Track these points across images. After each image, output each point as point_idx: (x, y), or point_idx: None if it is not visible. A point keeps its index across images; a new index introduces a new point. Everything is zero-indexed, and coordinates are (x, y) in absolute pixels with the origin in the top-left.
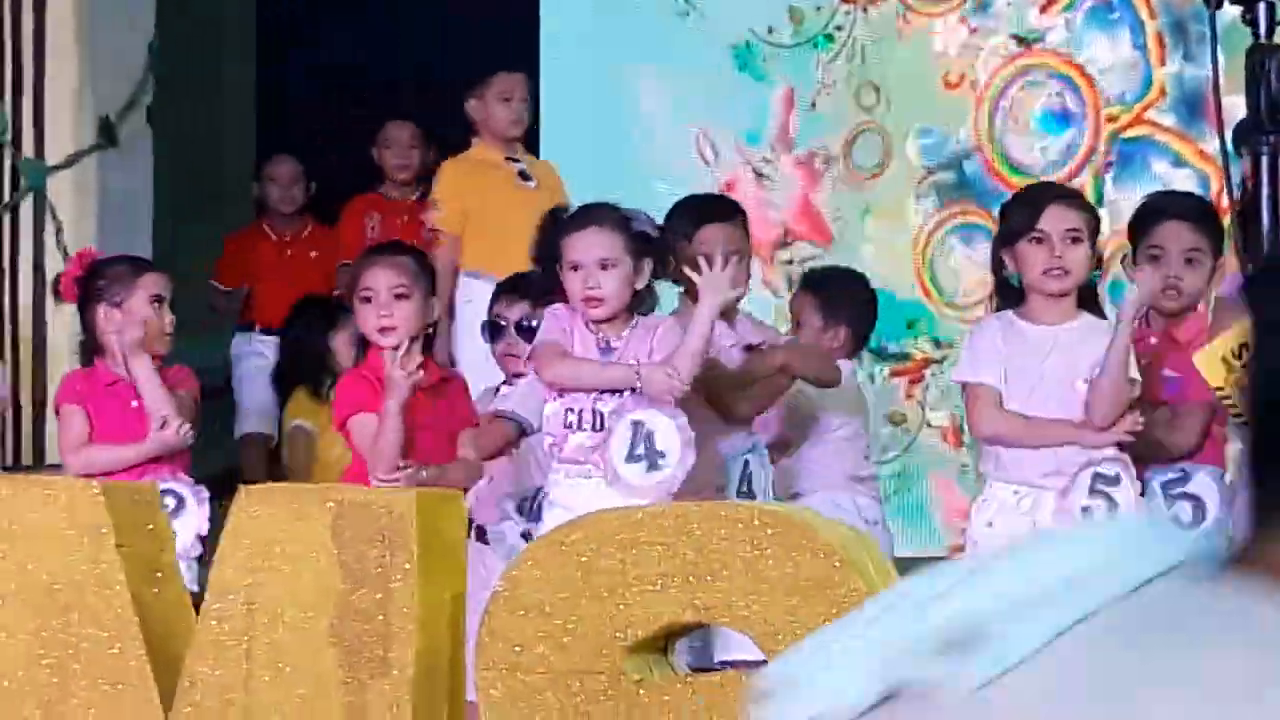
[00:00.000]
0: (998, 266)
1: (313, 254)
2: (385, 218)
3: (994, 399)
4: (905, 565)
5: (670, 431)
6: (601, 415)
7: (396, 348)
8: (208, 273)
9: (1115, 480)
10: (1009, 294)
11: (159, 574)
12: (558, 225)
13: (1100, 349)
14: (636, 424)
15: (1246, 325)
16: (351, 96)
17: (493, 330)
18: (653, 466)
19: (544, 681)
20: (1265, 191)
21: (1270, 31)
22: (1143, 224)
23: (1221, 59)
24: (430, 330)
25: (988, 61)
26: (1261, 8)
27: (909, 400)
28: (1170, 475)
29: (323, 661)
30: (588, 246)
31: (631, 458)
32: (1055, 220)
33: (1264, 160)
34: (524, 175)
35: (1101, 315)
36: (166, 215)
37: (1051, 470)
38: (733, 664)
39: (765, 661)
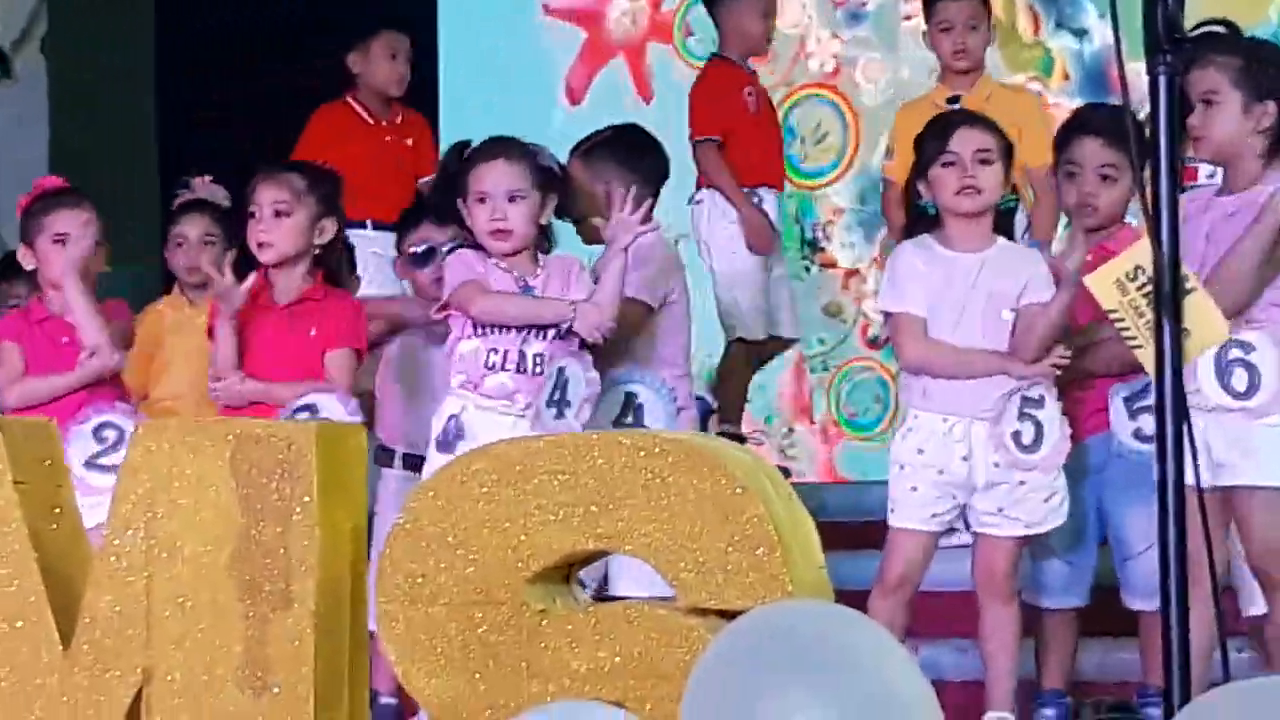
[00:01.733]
0: (914, 198)
1: (408, 141)
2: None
3: (919, 327)
4: (809, 491)
5: (581, 383)
6: (525, 356)
7: (277, 265)
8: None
9: (1040, 402)
10: (924, 225)
11: (57, 509)
12: (462, 158)
13: (1024, 276)
14: (560, 369)
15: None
16: (249, 23)
17: (425, 257)
18: (559, 415)
19: (445, 613)
20: (1163, 113)
21: None
22: (1062, 141)
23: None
24: (322, 250)
25: None
26: None
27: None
28: (1133, 389)
29: (224, 595)
30: (496, 178)
31: (550, 402)
32: (965, 141)
33: (1161, 81)
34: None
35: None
36: (64, 147)
37: (981, 399)
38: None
39: (669, 595)
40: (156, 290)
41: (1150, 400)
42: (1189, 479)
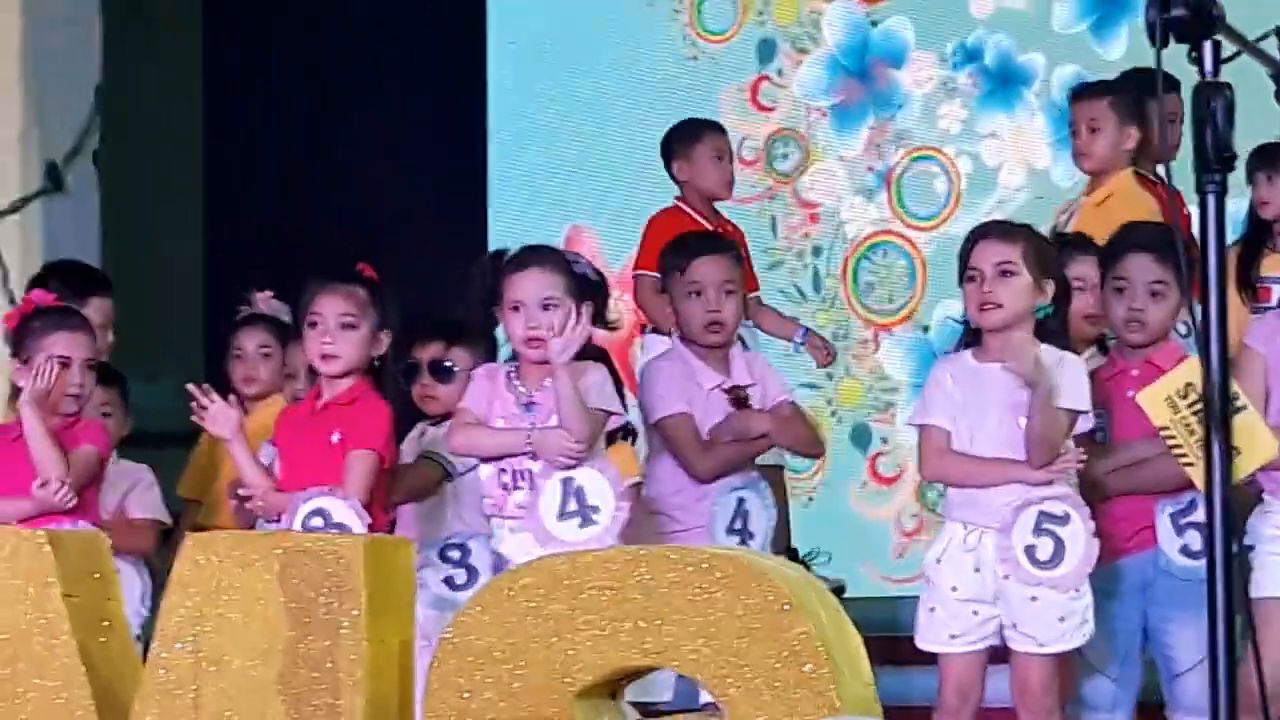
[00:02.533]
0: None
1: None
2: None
3: (939, 441)
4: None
5: (600, 485)
6: (531, 474)
7: (340, 376)
8: (152, 319)
9: (1064, 519)
10: (973, 335)
11: (106, 623)
12: (497, 267)
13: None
14: (566, 481)
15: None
16: (298, 138)
17: (408, 372)
18: (586, 522)
19: None
20: (1213, 230)
21: (1216, 70)
22: (1110, 256)
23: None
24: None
25: None
26: (1207, 46)
27: None
28: (1179, 505)
29: (271, 710)
30: (530, 286)
31: (564, 515)
32: (985, 255)
33: (1210, 200)
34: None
35: (1066, 346)
36: (114, 260)
37: (991, 509)
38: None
39: (714, 705)
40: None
41: (1197, 516)
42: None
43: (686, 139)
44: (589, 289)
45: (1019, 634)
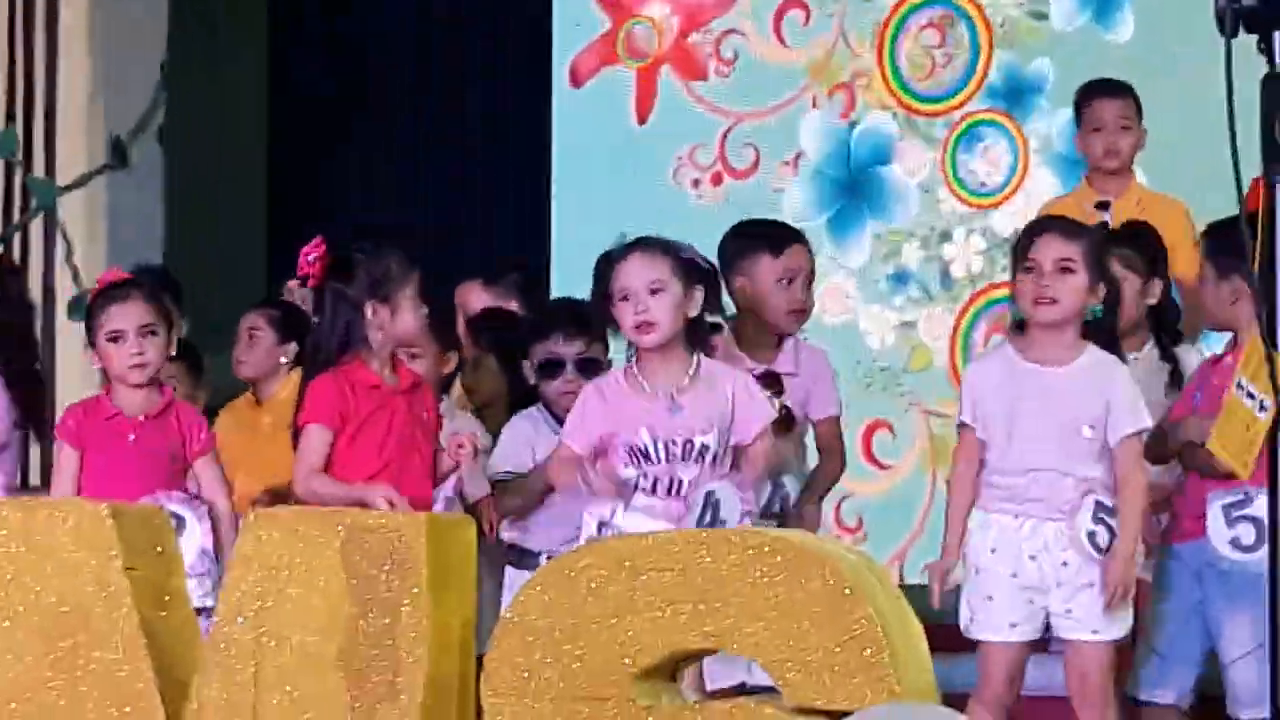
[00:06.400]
0: (1013, 298)
1: None
2: None
3: (969, 444)
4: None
5: (734, 503)
6: (675, 480)
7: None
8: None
9: (1114, 511)
10: (1018, 330)
11: (167, 597)
12: (606, 262)
13: (1108, 394)
14: (709, 493)
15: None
16: (364, 117)
17: (549, 368)
18: None
19: (552, 707)
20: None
21: None
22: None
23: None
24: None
25: None
26: (1277, 36)
27: None
28: (1232, 498)
29: (331, 686)
30: (634, 272)
31: (699, 525)
32: (1046, 250)
33: (1278, 194)
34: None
35: (1115, 350)
36: (178, 236)
37: (1055, 497)
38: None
39: (773, 688)
40: None
41: (1249, 510)
42: None
43: None
44: (697, 274)
45: (1073, 620)
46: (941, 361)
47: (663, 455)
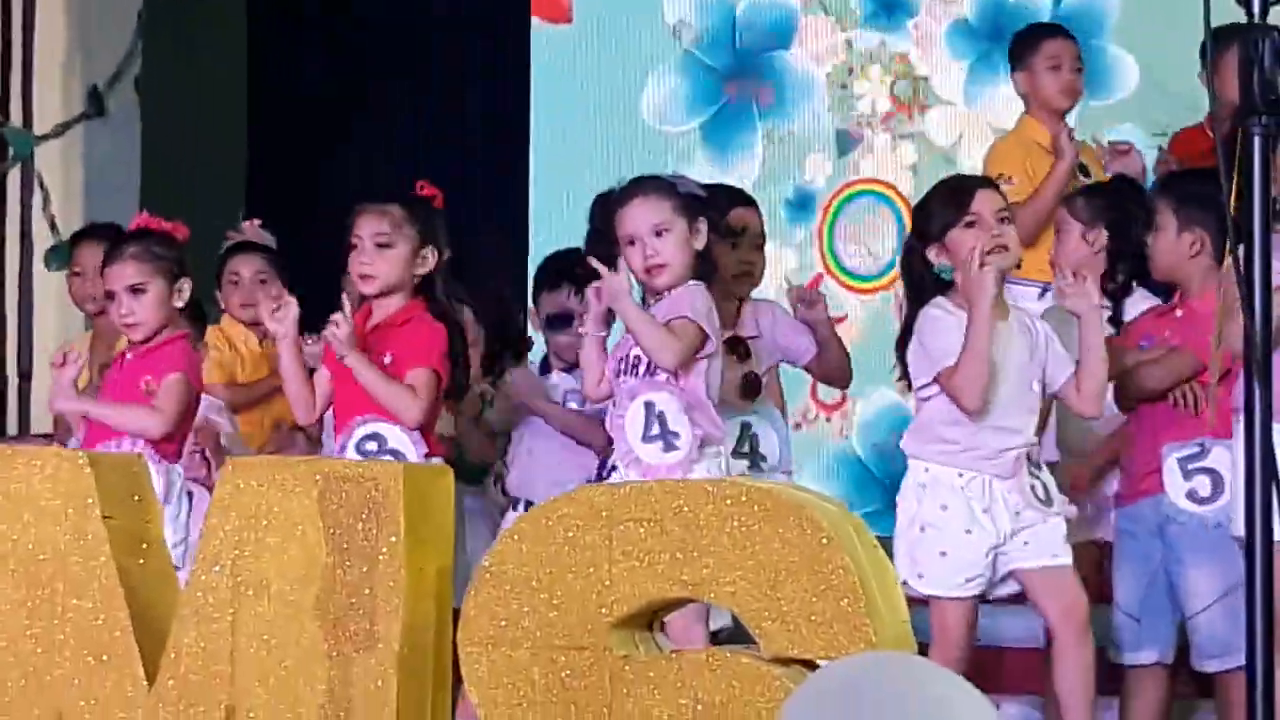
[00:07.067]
0: (920, 265)
1: None
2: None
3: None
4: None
5: (679, 412)
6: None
7: (377, 296)
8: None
9: (1040, 466)
10: (931, 292)
11: (144, 545)
12: (605, 207)
13: (1045, 350)
14: (648, 405)
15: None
16: (346, 62)
17: (558, 321)
18: (669, 447)
19: (529, 656)
20: (1258, 173)
21: (1264, 12)
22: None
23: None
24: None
25: None
26: None
27: None
28: (1187, 450)
29: (308, 634)
30: (638, 216)
31: (647, 438)
32: (986, 202)
33: (1257, 142)
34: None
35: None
36: (155, 185)
37: (999, 458)
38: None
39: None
40: None
41: (1205, 462)
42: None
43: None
44: (698, 206)
45: (1034, 550)
46: None
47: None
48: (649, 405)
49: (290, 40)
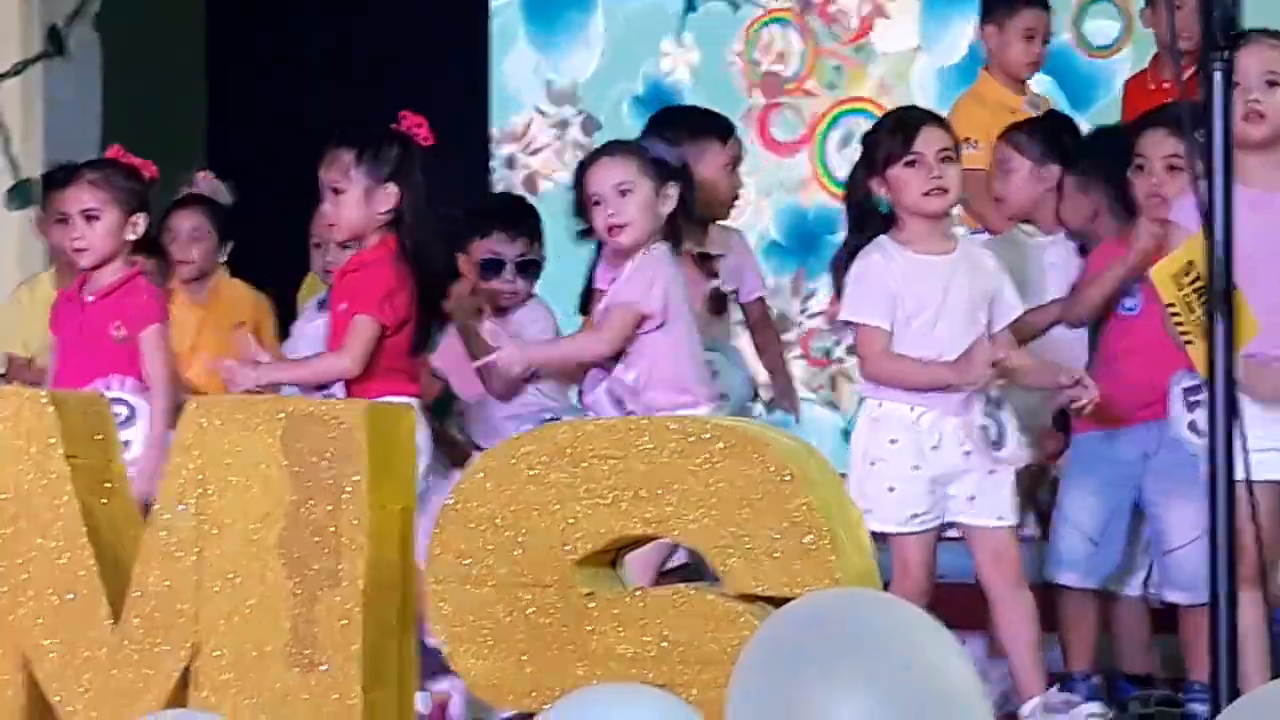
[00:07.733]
0: (861, 193)
1: None
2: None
3: (884, 342)
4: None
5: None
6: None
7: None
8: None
9: (999, 404)
10: (874, 222)
11: (108, 484)
12: (581, 169)
13: (995, 280)
14: (609, 390)
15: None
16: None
17: (490, 266)
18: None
19: (493, 594)
20: (1218, 109)
21: None
22: (1133, 132)
23: None
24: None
25: None
26: None
27: None
28: (1191, 381)
29: (272, 573)
30: (601, 176)
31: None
32: (929, 141)
33: (1217, 77)
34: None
35: None
36: (115, 125)
37: (949, 393)
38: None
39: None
40: None
41: (1205, 395)
42: (1239, 473)
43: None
44: (668, 171)
45: (979, 508)
46: None
47: None
48: (610, 391)
49: None
